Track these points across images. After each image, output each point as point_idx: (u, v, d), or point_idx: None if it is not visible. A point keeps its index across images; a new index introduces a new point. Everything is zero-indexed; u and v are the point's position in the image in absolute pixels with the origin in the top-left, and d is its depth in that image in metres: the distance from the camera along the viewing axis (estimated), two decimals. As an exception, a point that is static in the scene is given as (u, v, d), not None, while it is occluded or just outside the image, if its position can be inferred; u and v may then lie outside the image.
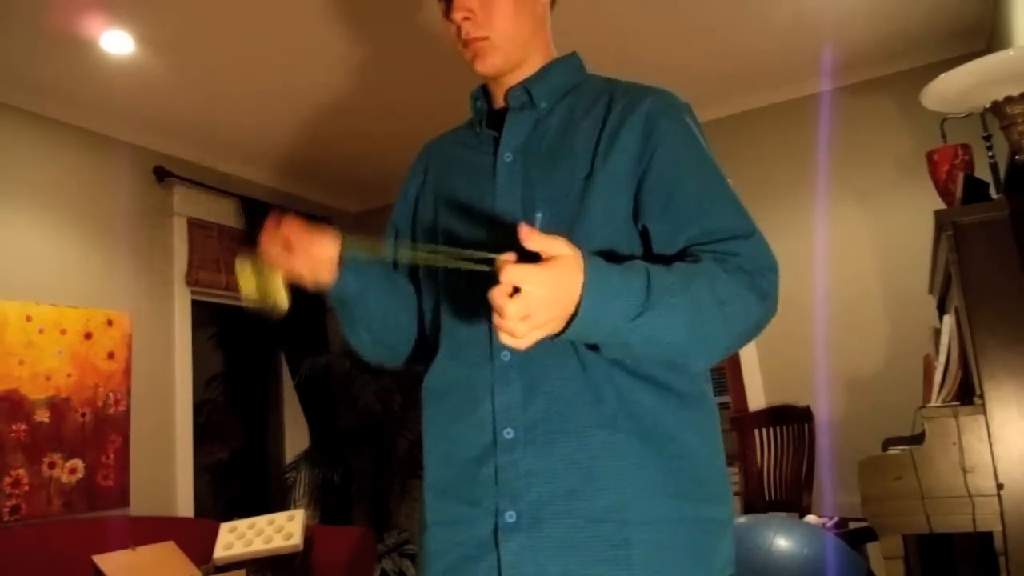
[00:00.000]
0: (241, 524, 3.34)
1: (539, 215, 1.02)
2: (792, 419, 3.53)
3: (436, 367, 1.08)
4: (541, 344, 0.95)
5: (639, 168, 1.01)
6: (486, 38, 1.07)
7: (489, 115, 1.16)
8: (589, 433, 0.95)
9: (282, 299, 1.04)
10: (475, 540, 0.96)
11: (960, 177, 2.32)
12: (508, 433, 0.96)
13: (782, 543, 2.26)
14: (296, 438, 4.54)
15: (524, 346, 0.82)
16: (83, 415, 3.33)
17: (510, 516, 0.94)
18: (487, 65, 1.09)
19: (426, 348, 1.15)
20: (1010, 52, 2.05)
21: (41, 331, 3.23)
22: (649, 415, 0.96)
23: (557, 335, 0.84)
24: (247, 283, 1.05)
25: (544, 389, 0.96)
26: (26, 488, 3.08)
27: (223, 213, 4.28)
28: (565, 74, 1.15)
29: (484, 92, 1.19)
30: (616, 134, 1.03)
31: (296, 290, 1.11)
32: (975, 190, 2.26)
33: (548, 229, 0.99)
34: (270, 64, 3.33)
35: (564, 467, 0.94)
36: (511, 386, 0.97)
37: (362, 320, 1.13)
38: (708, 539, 0.97)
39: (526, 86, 1.12)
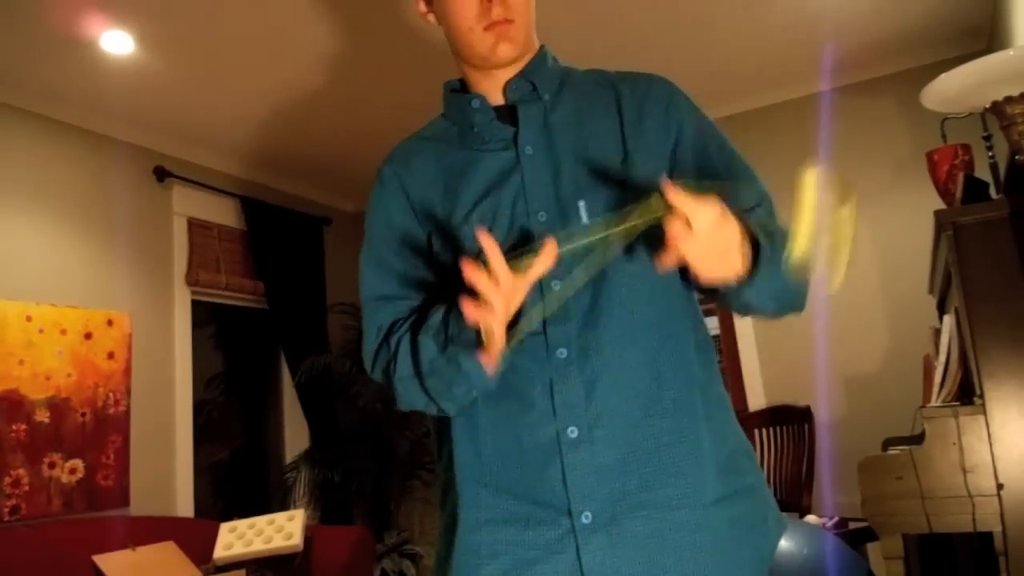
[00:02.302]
0: (241, 524, 3.34)
1: (581, 203, 1.01)
2: (792, 419, 3.53)
3: None
4: (598, 338, 0.98)
5: (668, 142, 1.06)
6: (513, 21, 1.05)
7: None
8: (654, 422, 0.96)
9: (841, 271, 0.85)
10: (541, 541, 0.95)
11: (960, 177, 2.32)
12: (572, 432, 0.95)
13: (782, 543, 2.25)
14: (296, 438, 4.54)
15: (713, 272, 0.86)
16: (83, 415, 3.33)
17: (586, 517, 0.93)
18: (512, 49, 1.06)
19: None
20: (1010, 52, 2.05)
21: (41, 331, 3.23)
22: (702, 395, 1.01)
23: (750, 275, 0.90)
24: (810, 226, 0.84)
25: (605, 383, 0.96)
26: (26, 488, 3.08)
27: (223, 213, 4.28)
28: (554, 65, 1.15)
29: (463, 89, 1.16)
30: (640, 116, 1.07)
31: (297, 290, 1.03)
32: (975, 190, 2.26)
33: (593, 216, 1.00)
34: (270, 64, 3.33)
35: (636, 460, 0.95)
36: (571, 383, 0.97)
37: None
38: (756, 507, 1.01)
39: (528, 78, 1.10)
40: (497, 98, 1.11)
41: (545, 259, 0.86)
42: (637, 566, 0.92)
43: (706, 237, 0.82)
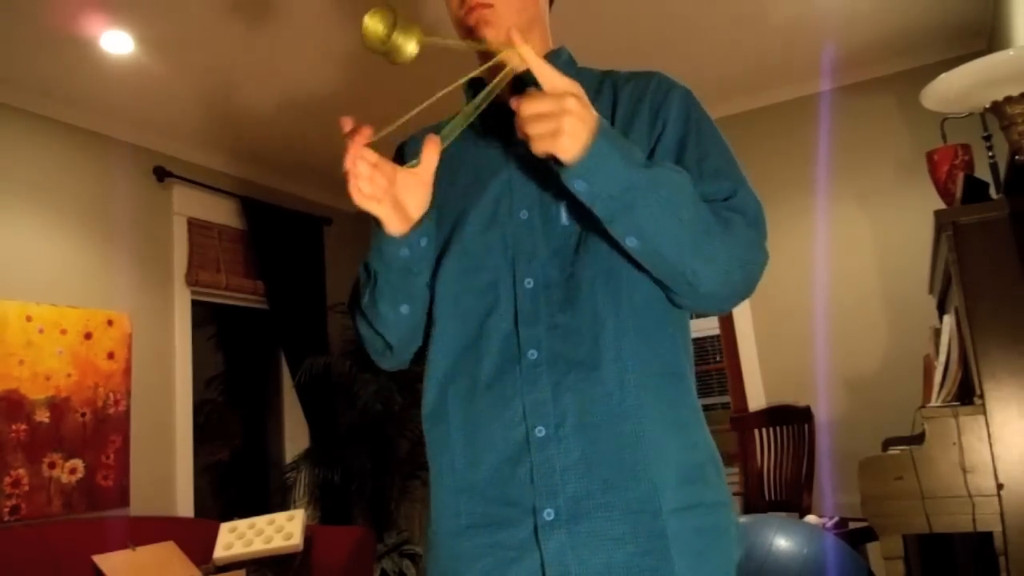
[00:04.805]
0: (241, 524, 3.34)
1: (563, 204, 1.02)
2: (792, 419, 3.53)
3: (451, 375, 1.05)
4: (567, 340, 0.98)
5: (651, 138, 1.05)
6: (491, 6, 1.06)
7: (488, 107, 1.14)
8: (619, 425, 0.96)
9: (412, 46, 0.94)
10: (514, 541, 0.96)
11: (960, 177, 2.32)
12: (540, 431, 0.96)
13: (782, 543, 2.26)
14: (296, 438, 4.54)
15: (547, 145, 0.87)
16: (83, 415, 3.33)
17: (548, 514, 0.94)
18: (488, 32, 1.07)
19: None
20: (1010, 52, 2.05)
21: (41, 331, 3.23)
22: (669, 404, 1.00)
23: (574, 160, 0.88)
24: (375, 26, 0.95)
25: (572, 385, 0.97)
26: (26, 488, 3.08)
27: (223, 213, 4.28)
28: (565, 66, 1.15)
29: (475, 85, 1.17)
30: (632, 116, 1.07)
31: (297, 290, 1.05)
32: (975, 190, 2.26)
33: (573, 218, 1.02)
34: (270, 64, 3.33)
35: (598, 460, 0.95)
36: (539, 384, 0.98)
37: (409, 292, 1.06)
38: (721, 521, 1.00)
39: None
40: (504, 94, 1.12)
41: (430, 148, 0.98)
42: (599, 563, 0.92)
43: (548, 99, 0.86)
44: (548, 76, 0.87)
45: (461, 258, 1.07)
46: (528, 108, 0.87)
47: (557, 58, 1.15)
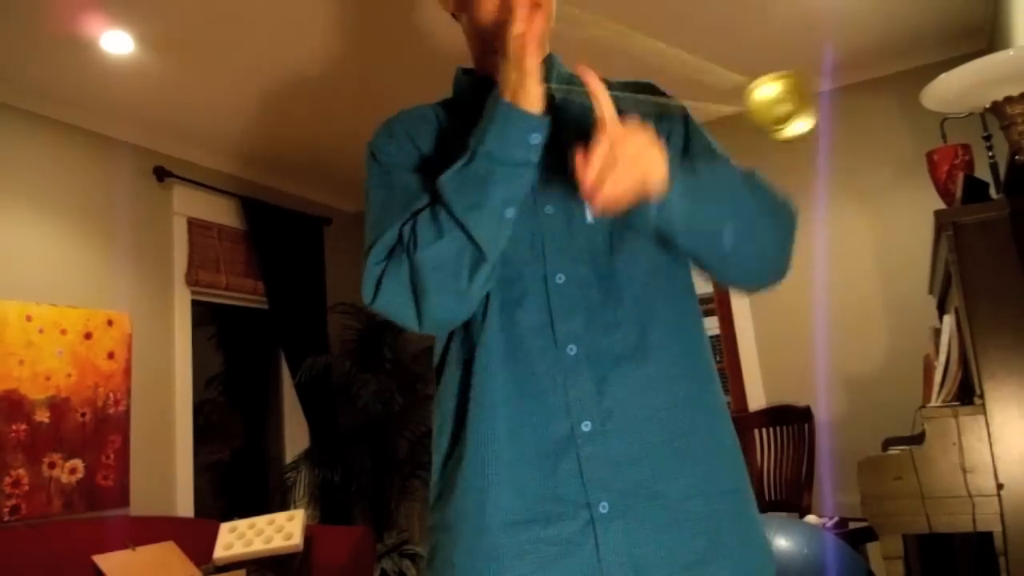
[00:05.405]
0: (241, 524, 3.34)
1: (586, 202, 1.00)
2: (792, 419, 3.53)
3: (486, 368, 1.02)
4: (607, 335, 0.99)
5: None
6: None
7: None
8: (668, 415, 0.98)
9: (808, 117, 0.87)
10: (562, 536, 0.95)
11: (960, 177, 2.32)
12: (586, 425, 0.97)
13: (782, 543, 2.26)
14: (296, 438, 4.54)
15: (614, 197, 0.88)
16: (83, 415, 3.33)
17: (603, 507, 0.95)
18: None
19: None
20: (1010, 52, 2.05)
21: (41, 331, 3.23)
22: (712, 395, 1.04)
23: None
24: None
25: (615, 380, 0.98)
26: (26, 488, 3.08)
27: (223, 213, 4.28)
28: (564, 70, 1.17)
29: (467, 78, 1.17)
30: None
31: (297, 290, 1.00)
32: (975, 190, 2.26)
33: (596, 218, 1.03)
34: (270, 64, 3.33)
35: (650, 451, 0.97)
36: (581, 378, 0.98)
37: (520, 189, 0.98)
38: (752, 503, 1.05)
39: (544, 76, 1.10)
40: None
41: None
42: (653, 548, 0.94)
43: (626, 141, 0.87)
44: (612, 113, 0.89)
45: None
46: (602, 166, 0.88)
47: (552, 64, 1.15)
